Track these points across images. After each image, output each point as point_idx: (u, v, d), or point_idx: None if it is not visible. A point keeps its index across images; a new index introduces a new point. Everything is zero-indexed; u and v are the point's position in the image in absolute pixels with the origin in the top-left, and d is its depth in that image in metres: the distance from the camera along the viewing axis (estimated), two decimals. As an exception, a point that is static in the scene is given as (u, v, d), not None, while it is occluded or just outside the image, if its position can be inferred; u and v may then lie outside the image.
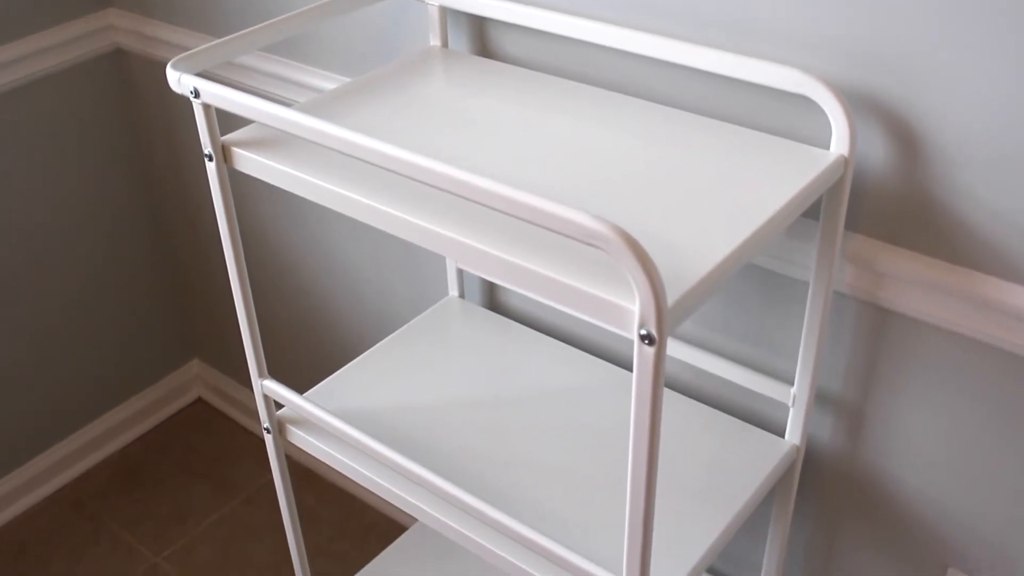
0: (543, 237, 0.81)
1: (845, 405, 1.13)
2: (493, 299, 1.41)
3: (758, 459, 1.12)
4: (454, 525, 1.04)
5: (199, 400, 2.21)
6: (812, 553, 1.27)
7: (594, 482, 1.09)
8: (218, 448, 2.09)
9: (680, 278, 0.77)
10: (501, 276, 0.80)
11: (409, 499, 1.08)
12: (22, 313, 1.83)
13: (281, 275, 1.77)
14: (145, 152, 1.89)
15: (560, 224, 0.71)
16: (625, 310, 0.73)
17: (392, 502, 1.10)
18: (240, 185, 1.72)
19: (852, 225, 1.03)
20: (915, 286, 1.00)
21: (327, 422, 1.10)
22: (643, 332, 0.72)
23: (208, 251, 1.92)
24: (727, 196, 0.89)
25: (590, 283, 0.75)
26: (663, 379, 0.74)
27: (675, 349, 1.20)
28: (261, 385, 1.15)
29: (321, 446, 1.16)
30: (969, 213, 0.94)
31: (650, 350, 0.72)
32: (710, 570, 1.39)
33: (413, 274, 1.51)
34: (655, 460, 0.78)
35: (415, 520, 1.61)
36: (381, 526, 1.89)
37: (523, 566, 0.99)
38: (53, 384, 1.93)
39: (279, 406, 1.19)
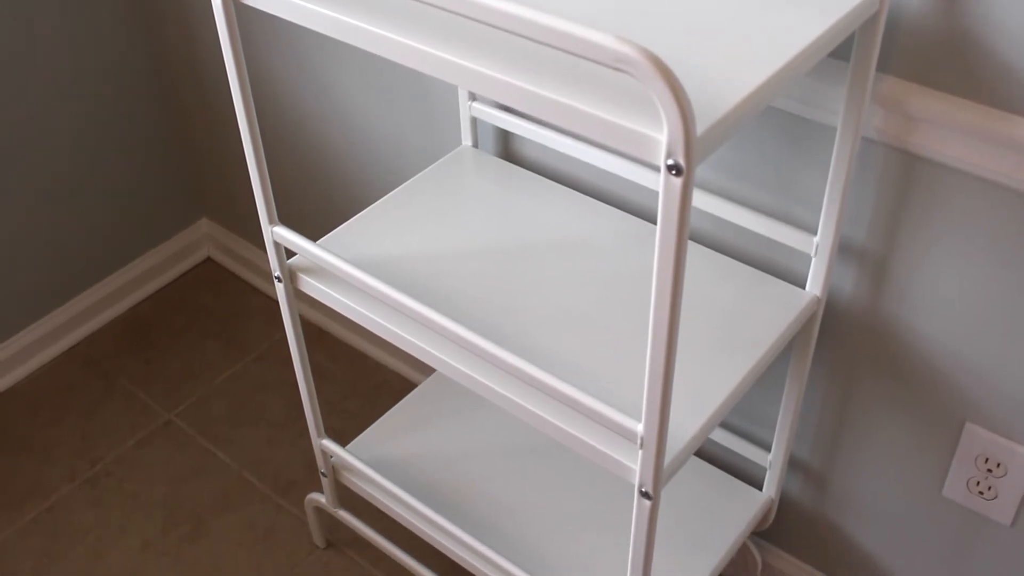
0: (565, 66, 0.78)
1: (868, 255, 1.11)
2: (507, 148, 1.37)
3: (778, 310, 1.10)
4: (470, 373, 1.03)
5: (209, 260, 2.20)
6: (827, 408, 1.26)
7: (612, 331, 1.08)
8: (228, 307, 2.08)
9: (708, 108, 0.74)
10: (525, 106, 0.77)
11: (424, 346, 1.07)
12: (27, 171, 1.80)
13: (289, 127, 1.73)
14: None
15: (585, 47, 0.67)
16: (652, 139, 0.70)
17: (406, 350, 1.08)
18: (246, 43, 1.67)
19: (883, 66, 0.99)
20: (949, 130, 0.97)
21: (340, 268, 1.08)
22: (670, 162, 0.69)
23: (215, 104, 1.88)
24: (756, 29, 0.85)
25: (615, 112, 0.72)
26: (689, 212, 0.71)
27: (695, 198, 1.17)
28: (272, 232, 1.13)
29: (333, 294, 1.14)
30: (1010, 53, 0.90)
31: (677, 181, 0.69)
32: (723, 425, 1.38)
33: (425, 123, 1.47)
34: (678, 300, 0.76)
35: (426, 378, 1.60)
36: (392, 384, 1.90)
37: (541, 413, 0.98)
38: (61, 243, 1.91)
39: (290, 255, 1.17)
